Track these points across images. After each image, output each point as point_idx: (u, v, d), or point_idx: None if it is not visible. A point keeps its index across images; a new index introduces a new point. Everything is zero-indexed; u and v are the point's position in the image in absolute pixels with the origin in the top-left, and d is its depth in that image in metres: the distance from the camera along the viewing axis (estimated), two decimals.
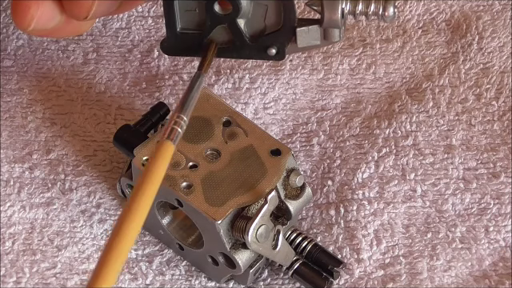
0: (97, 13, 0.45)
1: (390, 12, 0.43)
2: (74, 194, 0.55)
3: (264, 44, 0.45)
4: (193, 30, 0.46)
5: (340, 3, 0.43)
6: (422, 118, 0.59)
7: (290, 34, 0.45)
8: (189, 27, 0.46)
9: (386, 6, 0.43)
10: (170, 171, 0.48)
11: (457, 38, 0.63)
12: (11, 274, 0.52)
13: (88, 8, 0.45)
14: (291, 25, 0.44)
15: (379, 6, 0.43)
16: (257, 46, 0.46)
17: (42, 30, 0.47)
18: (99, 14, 0.46)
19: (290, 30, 0.45)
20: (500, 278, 0.52)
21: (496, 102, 0.60)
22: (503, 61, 0.62)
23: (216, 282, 0.52)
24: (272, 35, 0.45)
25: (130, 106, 0.59)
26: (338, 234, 0.53)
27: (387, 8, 0.43)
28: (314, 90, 0.61)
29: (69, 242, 0.53)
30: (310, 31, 0.44)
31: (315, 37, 0.45)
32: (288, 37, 0.45)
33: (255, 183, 0.47)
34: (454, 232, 0.54)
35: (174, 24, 0.46)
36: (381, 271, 0.52)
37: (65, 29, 0.48)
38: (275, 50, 0.45)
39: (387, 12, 0.43)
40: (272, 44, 0.45)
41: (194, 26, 0.46)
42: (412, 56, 0.63)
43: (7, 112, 0.59)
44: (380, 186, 0.55)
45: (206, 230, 0.47)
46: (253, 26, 0.45)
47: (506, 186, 0.55)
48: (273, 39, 0.45)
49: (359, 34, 0.64)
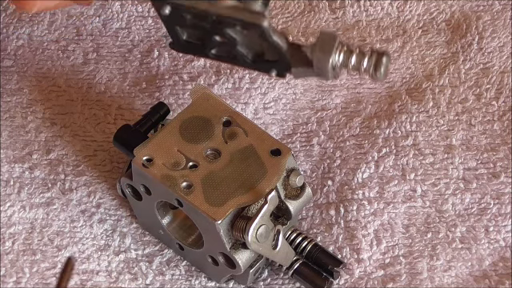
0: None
1: (381, 73, 0.42)
2: (74, 194, 0.55)
3: (264, 66, 0.45)
4: (196, 41, 0.46)
5: (332, 56, 0.41)
6: (422, 118, 0.59)
7: (286, 67, 0.44)
8: (192, 40, 0.46)
9: (377, 66, 0.41)
10: (170, 171, 0.48)
11: (457, 37, 0.63)
12: (11, 274, 0.52)
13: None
14: (285, 61, 0.44)
15: (371, 63, 0.42)
16: (258, 65, 0.45)
17: (46, 8, 0.46)
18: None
19: (285, 63, 0.44)
20: (500, 277, 0.52)
21: (496, 102, 0.60)
22: (503, 61, 0.62)
23: (216, 282, 0.52)
24: (271, 62, 0.44)
25: (130, 105, 0.59)
26: (338, 234, 0.53)
27: (378, 68, 0.41)
28: (313, 90, 0.61)
29: (69, 242, 0.53)
30: (304, 70, 0.44)
31: (310, 73, 0.44)
32: (285, 68, 0.44)
33: (255, 183, 0.47)
34: (453, 232, 0.54)
35: (178, 37, 0.46)
36: (381, 271, 0.52)
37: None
38: (275, 73, 0.45)
39: (378, 72, 0.42)
40: (271, 68, 0.45)
41: (197, 39, 0.45)
42: (412, 56, 0.63)
43: (7, 112, 0.59)
44: (380, 186, 0.55)
45: (206, 230, 0.47)
46: (252, 50, 0.44)
47: (506, 186, 0.55)
48: (272, 65, 0.45)
49: (359, 34, 0.64)
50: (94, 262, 0.52)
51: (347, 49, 0.42)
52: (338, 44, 0.41)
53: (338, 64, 0.42)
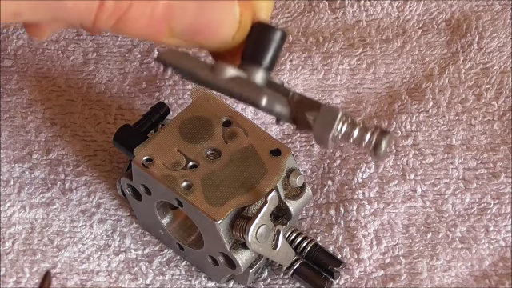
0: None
1: (381, 151, 0.41)
2: (74, 194, 0.55)
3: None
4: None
5: (332, 133, 0.40)
6: (422, 118, 0.59)
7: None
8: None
9: (377, 144, 0.40)
10: (170, 171, 0.48)
11: (457, 38, 0.63)
12: (11, 274, 0.52)
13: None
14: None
15: (372, 140, 0.41)
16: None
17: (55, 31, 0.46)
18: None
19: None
20: (500, 277, 0.52)
21: (496, 102, 0.60)
22: (503, 61, 0.62)
23: (216, 282, 0.52)
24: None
25: (130, 105, 0.59)
26: (338, 234, 0.53)
27: (378, 146, 0.41)
28: (314, 90, 0.61)
29: (69, 242, 0.53)
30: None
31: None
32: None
33: (255, 183, 0.47)
34: (454, 232, 0.54)
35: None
36: (381, 271, 0.52)
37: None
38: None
39: (377, 150, 0.41)
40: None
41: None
42: (412, 56, 0.63)
43: (7, 112, 0.59)
44: (380, 186, 0.55)
45: (206, 230, 0.47)
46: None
47: (506, 186, 0.55)
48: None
49: (359, 33, 0.64)
50: (94, 262, 0.52)
51: (351, 121, 0.41)
52: (341, 118, 0.41)
53: (339, 136, 0.41)
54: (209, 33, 0.38)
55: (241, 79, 0.41)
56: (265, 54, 0.40)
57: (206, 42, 0.38)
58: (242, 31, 0.38)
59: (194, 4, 0.36)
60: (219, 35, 0.38)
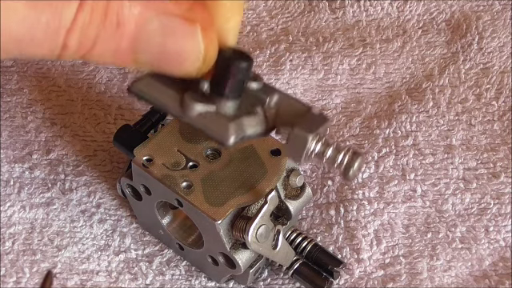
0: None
1: (351, 173, 0.41)
2: (74, 194, 0.55)
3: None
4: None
5: (306, 148, 0.41)
6: (422, 118, 0.59)
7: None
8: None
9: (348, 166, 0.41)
10: (170, 171, 0.48)
11: (457, 37, 0.63)
12: (11, 274, 0.52)
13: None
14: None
15: (344, 161, 0.41)
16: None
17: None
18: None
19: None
20: (500, 277, 0.52)
21: (496, 102, 0.60)
22: (503, 61, 0.62)
23: (216, 282, 0.52)
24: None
25: (130, 105, 0.59)
26: (338, 234, 0.53)
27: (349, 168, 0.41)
28: (313, 90, 0.61)
29: (69, 242, 0.53)
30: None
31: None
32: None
33: (255, 183, 0.47)
34: (454, 232, 0.54)
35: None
36: (381, 271, 0.52)
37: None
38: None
39: (348, 171, 0.41)
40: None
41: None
42: (412, 56, 0.63)
43: (7, 112, 0.59)
44: (380, 186, 0.55)
45: (206, 230, 0.47)
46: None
47: (506, 186, 0.55)
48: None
49: (359, 33, 0.64)
50: (94, 262, 0.52)
51: (325, 141, 0.41)
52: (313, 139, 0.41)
53: (312, 155, 0.41)
54: (173, 65, 0.38)
55: (209, 114, 0.40)
56: (230, 87, 0.40)
57: (171, 72, 0.39)
58: (207, 64, 0.38)
59: (157, 39, 0.37)
60: (184, 67, 0.38)
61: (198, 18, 0.37)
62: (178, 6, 0.37)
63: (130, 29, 0.36)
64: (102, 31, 0.36)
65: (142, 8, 0.36)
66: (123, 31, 0.36)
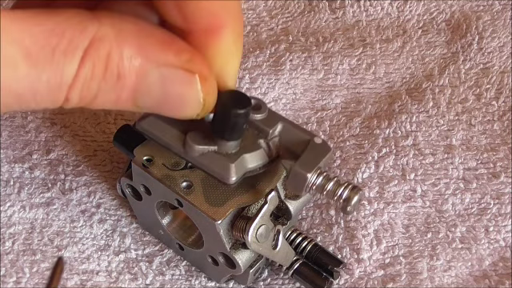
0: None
1: (348, 210, 0.43)
2: (74, 194, 0.55)
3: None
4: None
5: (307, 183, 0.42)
6: (422, 118, 0.59)
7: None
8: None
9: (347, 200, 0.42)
10: (170, 171, 0.47)
11: (457, 38, 0.63)
12: (11, 274, 0.52)
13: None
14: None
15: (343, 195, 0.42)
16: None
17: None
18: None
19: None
20: (500, 277, 0.52)
21: (496, 102, 0.60)
22: (503, 61, 0.62)
23: (216, 282, 0.52)
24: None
25: None
26: (338, 234, 0.53)
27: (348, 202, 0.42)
28: (314, 90, 0.61)
29: (69, 242, 0.53)
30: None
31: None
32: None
33: (255, 183, 0.47)
34: (453, 232, 0.54)
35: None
36: (381, 271, 0.52)
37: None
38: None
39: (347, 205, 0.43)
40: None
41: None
42: (412, 56, 0.63)
43: (7, 112, 0.59)
44: (380, 186, 0.55)
45: (206, 230, 0.47)
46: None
47: (506, 186, 0.55)
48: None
49: (359, 33, 0.64)
50: (94, 261, 0.52)
51: (326, 175, 0.43)
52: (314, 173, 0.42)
53: (313, 187, 0.43)
54: (173, 111, 0.39)
55: (210, 154, 0.42)
56: (229, 131, 0.41)
57: (171, 116, 0.40)
58: (206, 109, 0.39)
59: (158, 89, 0.37)
60: (183, 113, 0.40)
61: (197, 69, 0.37)
62: (178, 58, 0.37)
63: (131, 80, 0.36)
64: (103, 83, 0.36)
65: (142, 60, 0.36)
66: (124, 83, 0.36)
